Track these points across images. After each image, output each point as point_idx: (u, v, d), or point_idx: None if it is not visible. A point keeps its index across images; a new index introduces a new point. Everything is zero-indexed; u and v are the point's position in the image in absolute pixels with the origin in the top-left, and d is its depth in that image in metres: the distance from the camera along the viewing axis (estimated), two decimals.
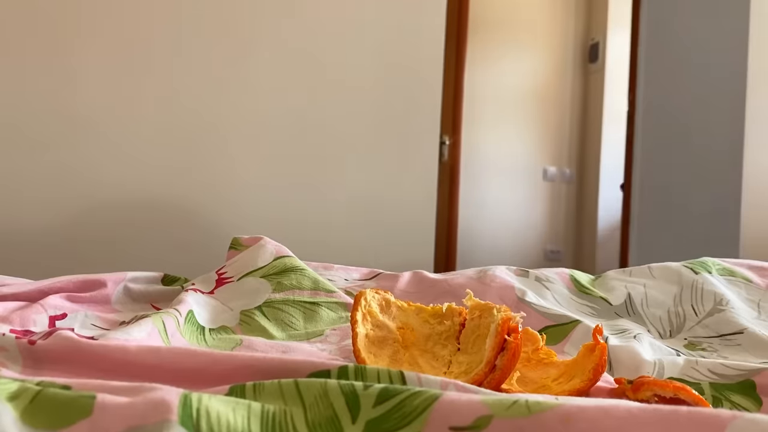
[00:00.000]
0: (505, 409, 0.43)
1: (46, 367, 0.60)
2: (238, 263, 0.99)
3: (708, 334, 0.92)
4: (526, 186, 4.02)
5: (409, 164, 1.79)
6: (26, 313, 0.79)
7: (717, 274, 1.06)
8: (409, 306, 0.75)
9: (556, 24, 4.08)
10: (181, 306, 0.82)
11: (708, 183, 2.36)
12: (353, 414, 0.46)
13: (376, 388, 0.46)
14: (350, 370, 0.54)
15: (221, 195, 1.62)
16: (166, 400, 0.43)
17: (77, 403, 0.44)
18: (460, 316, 0.72)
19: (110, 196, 1.52)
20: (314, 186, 1.70)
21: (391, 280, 1.05)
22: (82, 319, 0.83)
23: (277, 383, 0.49)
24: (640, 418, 0.40)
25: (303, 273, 0.95)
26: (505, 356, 0.63)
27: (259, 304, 0.89)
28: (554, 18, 4.08)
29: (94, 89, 1.51)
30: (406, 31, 1.79)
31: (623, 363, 0.77)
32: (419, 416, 0.44)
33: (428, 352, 0.70)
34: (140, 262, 1.46)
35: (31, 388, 0.46)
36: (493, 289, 0.99)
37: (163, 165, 1.57)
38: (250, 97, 1.64)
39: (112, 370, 0.58)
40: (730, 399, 0.68)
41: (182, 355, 0.58)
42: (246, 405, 0.45)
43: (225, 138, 1.62)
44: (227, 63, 1.62)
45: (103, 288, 0.93)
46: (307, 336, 0.84)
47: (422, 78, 1.80)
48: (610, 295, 1.03)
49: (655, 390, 0.59)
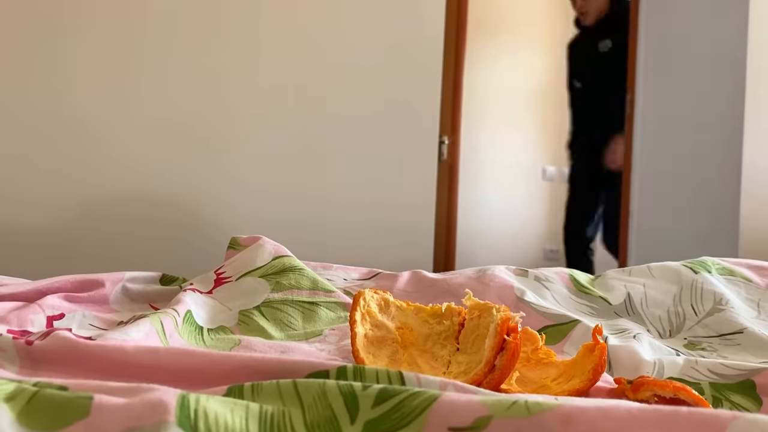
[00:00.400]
0: (505, 409, 0.42)
1: (44, 367, 0.60)
2: (236, 263, 0.99)
3: (708, 334, 0.92)
4: (525, 185, 4.02)
5: (408, 164, 1.78)
6: (24, 313, 0.79)
7: (717, 274, 1.06)
8: (408, 306, 0.74)
9: (555, 23, 4.07)
10: (180, 306, 0.81)
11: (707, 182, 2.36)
12: (352, 415, 0.45)
13: (375, 389, 0.46)
14: (349, 370, 0.53)
15: (220, 195, 1.61)
16: (164, 401, 0.42)
17: (74, 404, 0.43)
18: (459, 315, 0.72)
19: (108, 196, 1.52)
20: (313, 185, 1.70)
21: (390, 280, 1.05)
22: (80, 319, 0.83)
23: (276, 384, 0.49)
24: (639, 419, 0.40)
25: (302, 273, 0.95)
26: (504, 356, 0.63)
27: (258, 304, 0.89)
28: (553, 17, 4.07)
29: (93, 90, 1.51)
30: (405, 31, 1.78)
31: (623, 363, 0.77)
32: (418, 417, 0.44)
33: (427, 352, 0.70)
34: (138, 263, 1.46)
35: (28, 389, 0.46)
36: (492, 289, 0.99)
37: (161, 165, 1.57)
38: (248, 96, 1.64)
39: (110, 371, 0.58)
40: (730, 399, 0.68)
41: (180, 356, 0.58)
42: (244, 406, 0.45)
43: (224, 139, 1.62)
44: (226, 64, 1.62)
45: (101, 288, 0.92)
46: (305, 336, 0.83)
47: (421, 77, 1.80)
48: (609, 295, 1.03)
49: (654, 390, 0.59)
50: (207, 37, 1.60)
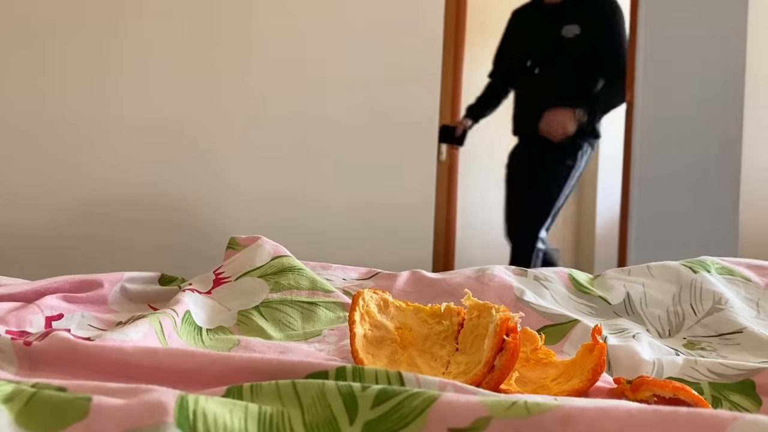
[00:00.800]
0: (504, 410, 0.42)
1: (42, 368, 0.60)
2: (235, 263, 0.98)
3: (707, 334, 0.92)
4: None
5: (407, 164, 1.78)
6: (22, 314, 0.79)
7: (716, 273, 1.06)
8: (407, 306, 0.74)
9: None
10: (178, 306, 0.81)
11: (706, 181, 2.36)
12: (351, 415, 0.45)
13: (374, 389, 0.46)
14: (348, 370, 0.53)
15: (218, 196, 1.61)
16: (163, 402, 0.42)
17: (73, 405, 0.43)
18: (458, 315, 0.71)
19: (104, 198, 1.52)
20: (311, 186, 1.69)
21: (389, 280, 1.05)
22: (78, 319, 0.83)
23: (275, 384, 0.49)
24: (639, 420, 0.40)
25: (301, 273, 0.95)
26: (503, 356, 0.63)
27: (257, 304, 0.89)
28: None
29: (87, 91, 1.50)
30: (404, 31, 1.78)
31: (622, 363, 0.77)
32: (417, 417, 0.44)
33: (426, 353, 0.70)
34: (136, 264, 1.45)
35: (27, 390, 0.46)
36: (491, 289, 0.98)
37: (159, 166, 1.56)
38: (246, 97, 1.63)
39: (109, 372, 0.58)
40: (729, 399, 0.68)
41: (179, 356, 0.58)
42: (243, 406, 0.45)
43: (222, 139, 1.62)
44: (221, 63, 1.61)
45: (99, 288, 0.92)
46: (305, 336, 0.83)
47: (420, 77, 1.80)
48: (608, 295, 1.03)
49: (654, 390, 0.59)
50: (202, 38, 1.60)
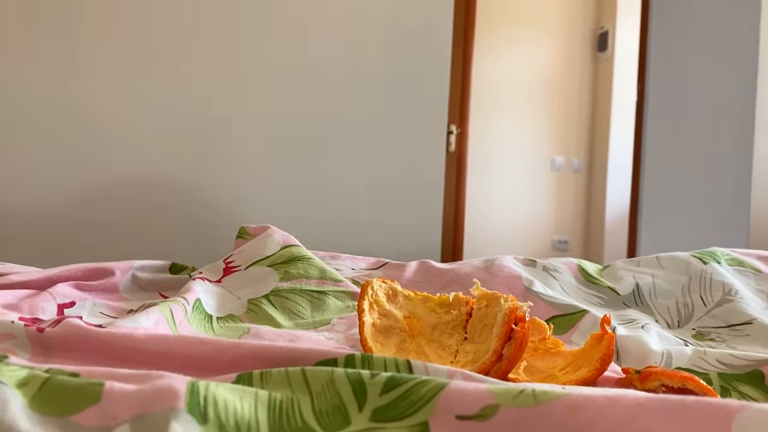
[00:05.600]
0: (512, 398, 0.42)
1: (55, 354, 0.61)
2: (245, 252, 0.99)
3: (716, 325, 0.92)
4: (533, 176, 4.01)
5: (416, 154, 1.78)
6: (35, 301, 0.79)
7: (726, 264, 1.06)
8: (415, 295, 0.74)
9: (565, 12, 4.05)
10: (189, 294, 0.82)
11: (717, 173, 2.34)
12: (360, 402, 0.46)
13: (383, 377, 0.46)
14: (357, 358, 0.54)
15: (228, 185, 1.62)
16: (174, 388, 0.43)
17: (85, 390, 0.44)
18: (467, 305, 0.72)
19: (118, 186, 1.53)
20: (321, 176, 1.70)
21: (397, 270, 1.05)
22: (90, 307, 0.84)
23: (284, 371, 0.49)
24: (647, 408, 0.40)
25: (310, 262, 0.96)
26: (512, 346, 0.63)
27: (267, 293, 0.89)
28: (562, 6, 4.05)
29: (102, 79, 1.51)
30: (414, 21, 1.78)
31: (631, 353, 0.77)
32: (426, 405, 0.44)
33: (435, 342, 0.70)
34: (148, 252, 1.46)
35: (40, 375, 0.46)
36: (500, 279, 0.99)
37: (171, 155, 1.57)
38: (257, 86, 1.64)
39: (120, 358, 0.58)
40: (738, 389, 0.68)
41: (190, 344, 0.58)
42: (253, 393, 0.45)
43: (232, 128, 1.62)
44: (234, 53, 1.61)
45: (111, 276, 0.93)
46: (314, 325, 0.84)
47: (430, 68, 1.79)
48: (617, 285, 1.03)
49: (662, 380, 0.59)
50: (215, 28, 1.60)
